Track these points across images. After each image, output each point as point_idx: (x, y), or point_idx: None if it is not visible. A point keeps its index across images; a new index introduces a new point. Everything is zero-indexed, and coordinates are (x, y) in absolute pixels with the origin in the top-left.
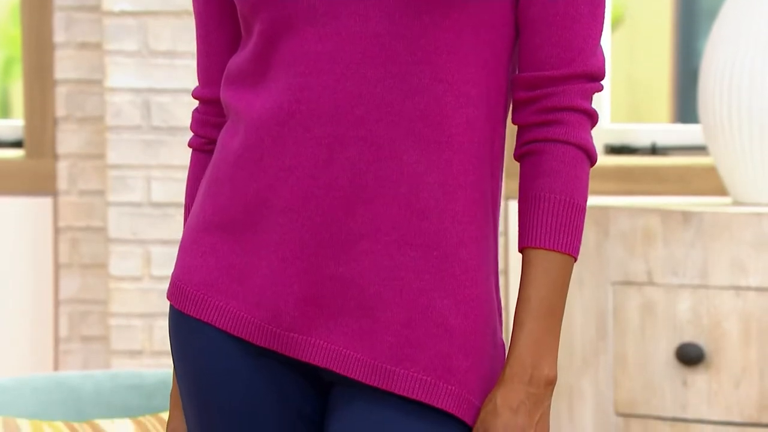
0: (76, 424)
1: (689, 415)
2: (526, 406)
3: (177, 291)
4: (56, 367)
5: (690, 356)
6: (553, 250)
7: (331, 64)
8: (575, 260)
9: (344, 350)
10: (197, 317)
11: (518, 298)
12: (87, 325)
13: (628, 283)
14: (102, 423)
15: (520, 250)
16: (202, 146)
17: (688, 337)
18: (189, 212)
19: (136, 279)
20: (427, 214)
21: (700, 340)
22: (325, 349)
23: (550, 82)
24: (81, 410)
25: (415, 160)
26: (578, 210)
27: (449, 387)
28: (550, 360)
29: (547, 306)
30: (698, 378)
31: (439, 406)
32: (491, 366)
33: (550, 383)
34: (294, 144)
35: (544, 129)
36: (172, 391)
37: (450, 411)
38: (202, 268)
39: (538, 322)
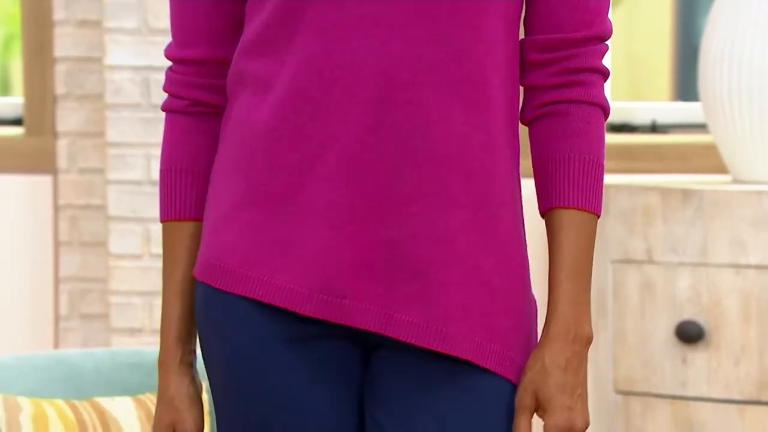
0: (76, 402)
1: (689, 393)
2: (573, 364)
3: (212, 268)
4: (56, 345)
5: (690, 334)
6: (584, 210)
7: (372, 28)
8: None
9: (397, 314)
10: (238, 293)
11: (553, 259)
12: (87, 303)
13: (627, 261)
14: (102, 401)
15: (545, 211)
16: (186, 108)
17: (687, 315)
18: (177, 178)
19: (136, 257)
20: (473, 175)
21: (700, 318)
22: (378, 314)
23: (571, 43)
24: (81, 388)
25: (461, 121)
26: (601, 169)
27: (493, 346)
28: (588, 318)
29: (581, 265)
30: (698, 356)
31: (486, 365)
32: (529, 324)
33: (590, 341)
34: (339, 111)
35: (566, 90)
36: (161, 358)
37: (495, 371)
38: (240, 245)
39: (575, 281)
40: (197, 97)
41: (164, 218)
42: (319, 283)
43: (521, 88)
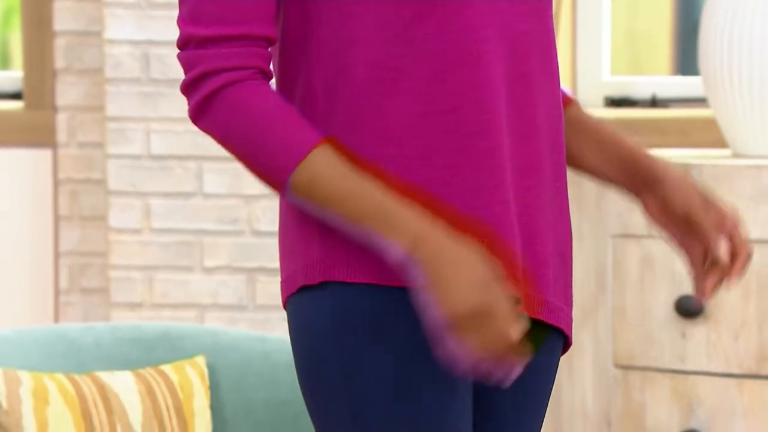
0: (76, 377)
1: (688, 367)
2: None
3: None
4: (56, 319)
5: (689, 309)
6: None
7: (498, 2)
8: None
9: None
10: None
11: (599, 133)
12: (87, 278)
13: (627, 236)
14: (102, 375)
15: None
16: (253, 76)
17: (687, 290)
18: (298, 116)
19: (136, 231)
20: (559, 148)
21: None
22: None
23: None
24: (81, 362)
25: (551, 94)
26: None
27: (570, 313)
28: None
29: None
30: (697, 330)
31: (568, 333)
32: None
33: None
34: (490, 90)
35: None
36: (414, 227)
37: (569, 336)
38: None
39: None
40: (263, 68)
41: (311, 145)
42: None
43: None
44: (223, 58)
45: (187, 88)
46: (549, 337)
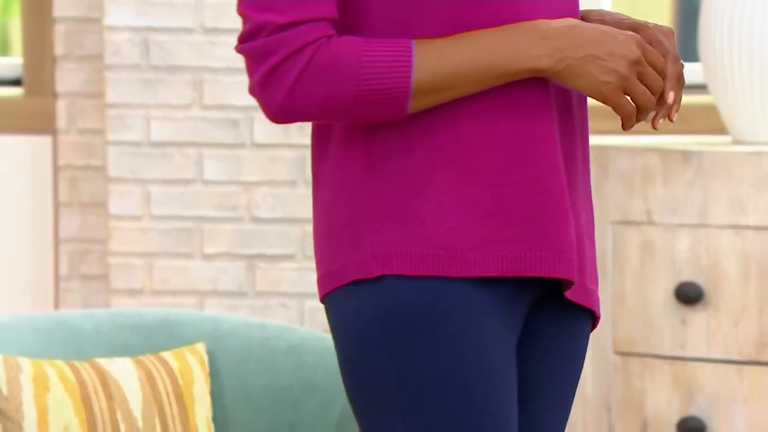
0: (76, 363)
1: (688, 354)
2: None
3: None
4: (56, 306)
5: (689, 295)
6: None
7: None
8: None
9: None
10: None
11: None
12: (87, 264)
13: (627, 222)
14: (102, 362)
15: None
16: (327, 39)
17: (687, 276)
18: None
19: (136, 218)
20: (586, 128)
21: (699, 279)
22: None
23: None
24: (81, 349)
25: (579, 107)
26: None
27: (597, 293)
28: None
29: None
30: (697, 317)
31: (598, 315)
32: None
33: None
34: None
35: None
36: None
37: (598, 315)
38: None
39: None
40: (333, 34)
41: (409, 48)
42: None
43: None
44: (302, 36)
45: (271, 76)
46: (579, 318)
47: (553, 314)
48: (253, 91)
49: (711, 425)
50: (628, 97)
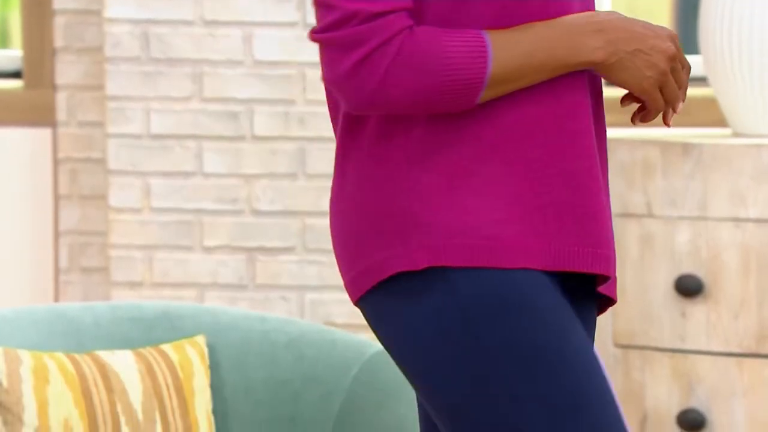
0: (76, 356)
1: (688, 347)
2: None
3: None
4: (56, 299)
5: (689, 288)
6: None
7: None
8: None
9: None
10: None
11: None
12: (87, 257)
13: (627, 215)
14: (102, 354)
15: None
16: (410, 29)
17: (687, 269)
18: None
19: (136, 211)
20: (603, 117)
21: (699, 272)
22: None
23: None
24: (81, 342)
25: (601, 104)
26: None
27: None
28: None
29: None
30: (697, 309)
31: (615, 299)
32: None
33: None
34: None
35: None
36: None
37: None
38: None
39: None
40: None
41: (483, 40)
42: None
43: None
44: (391, 26)
45: (362, 65)
46: (591, 303)
47: (568, 299)
48: (336, 79)
49: (711, 418)
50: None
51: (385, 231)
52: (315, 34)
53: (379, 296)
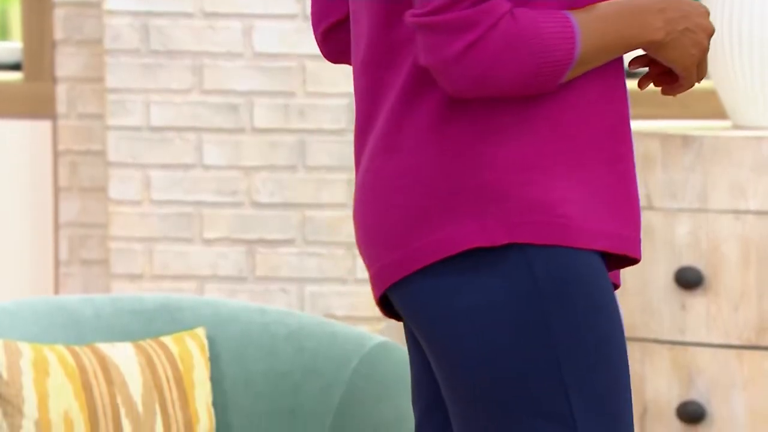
0: (76, 348)
1: (688, 339)
2: None
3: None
4: (56, 291)
5: (689, 280)
6: None
7: None
8: None
9: None
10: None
11: None
12: (87, 249)
13: None
14: (102, 346)
15: None
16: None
17: (687, 261)
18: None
19: (136, 203)
20: None
21: (699, 264)
22: None
23: None
24: (81, 334)
25: None
26: None
27: None
28: None
29: None
30: (697, 301)
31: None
32: None
33: None
34: None
35: None
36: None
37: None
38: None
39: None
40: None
41: (570, 20)
42: None
43: None
44: (498, 9)
45: (473, 48)
46: None
47: None
48: (441, 63)
49: (710, 410)
50: None
51: (456, 206)
52: (419, 18)
53: (443, 271)
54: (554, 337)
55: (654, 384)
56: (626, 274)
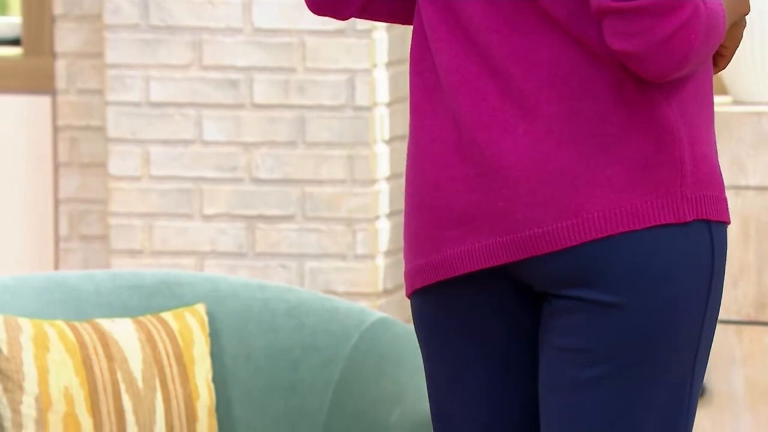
0: (76, 324)
1: None
2: None
3: None
4: (56, 266)
5: None
6: None
7: None
8: None
9: None
10: None
11: None
12: (87, 225)
13: None
14: (102, 322)
15: None
16: None
17: None
18: None
19: (136, 179)
20: None
21: None
22: None
23: None
24: (81, 310)
25: None
26: None
27: None
28: None
29: None
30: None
31: None
32: None
33: None
34: None
35: None
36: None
37: None
38: None
39: None
40: None
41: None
42: None
43: None
44: None
45: (682, 30)
46: None
47: None
48: (648, 47)
49: (710, 385)
50: None
51: (650, 178)
52: (623, 2)
53: (630, 236)
54: (706, 317)
55: None
56: None
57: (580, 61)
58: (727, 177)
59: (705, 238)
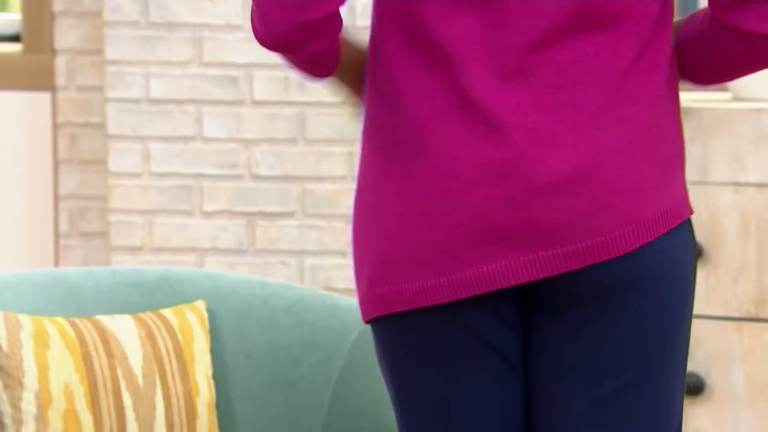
0: (77, 320)
1: None
2: None
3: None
4: (56, 263)
5: None
6: None
7: None
8: None
9: None
10: None
11: None
12: (87, 221)
13: None
14: (102, 319)
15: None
16: None
17: None
18: None
19: (136, 175)
20: None
21: (699, 236)
22: None
23: None
24: (81, 307)
25: None
26: None
27: None
28: None
29: None
30: (696, 273)
31: None
32: None
33: None
34: None
35: None
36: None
37: None
38: None
39: None
40: None
41: None
42: None
43: None
44: None
45: None
46: None
47: None
48: None
49: (710, 382)
50: None
51: (676, 176)
52: None
53: (679, 234)
54: (693, 300)
55: None
56: None
57: (623, 68)
58: (727, 174)
59: (692, 229)
